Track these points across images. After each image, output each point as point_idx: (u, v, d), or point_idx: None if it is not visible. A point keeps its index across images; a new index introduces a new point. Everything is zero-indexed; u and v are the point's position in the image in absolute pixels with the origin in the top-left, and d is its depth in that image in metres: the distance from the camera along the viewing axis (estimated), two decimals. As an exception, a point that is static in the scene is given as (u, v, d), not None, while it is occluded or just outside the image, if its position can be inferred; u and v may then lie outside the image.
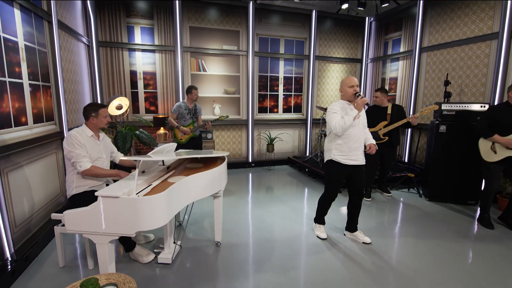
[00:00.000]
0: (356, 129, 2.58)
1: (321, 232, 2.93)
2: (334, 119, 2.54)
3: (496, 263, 2.51)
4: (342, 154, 2.61)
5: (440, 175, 3.90)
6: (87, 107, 2.42)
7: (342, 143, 2.60)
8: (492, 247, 2.78)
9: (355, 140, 2.59)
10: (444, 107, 3.82)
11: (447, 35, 4.72)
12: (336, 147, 2.64)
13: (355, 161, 2.63)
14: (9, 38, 2.51)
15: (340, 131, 2.52)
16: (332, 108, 2.61)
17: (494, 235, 3.02)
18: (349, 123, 2.47)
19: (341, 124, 2.48)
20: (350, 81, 2.59)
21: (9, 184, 2.44)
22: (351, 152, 2.60)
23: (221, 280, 2.23)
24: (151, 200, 1.70)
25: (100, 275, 1.66)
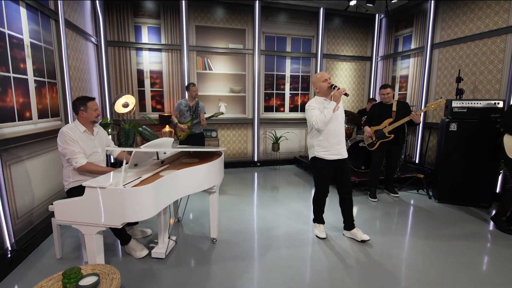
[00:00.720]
0: (335, 123, 2.57)
1: (320, 232, 2.85)
2: (314, 115, 2.52)
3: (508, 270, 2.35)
4: (324, 150, 2.61)
5: (450, 176, 3.72)
6: (75, 101, 2.43)
7: (322, 139, 2.59)
8: (505, 252, 2.61)
9: (335, 135, 2.59)
10: (455, 104, 3.65)
11: (459, 30, 4.52)
12: (318, 143, 2.63)
13: (338, 155, 2.63)
14: (14, 35, 2.59)
15: (322, 126, 2.50)
16: (310, 105, 2.61)
17: (509, 239, 2.84)
18: (329, 116, 2.45)
19: (322, 118, 2.47)
20: (322, 76, 2.59)
21: (12, 177, 2.51)
22: (333, 147, 2.60)
23: (212, 276, 2.19)
24: (137, 192, 1.69)
25: (86, 265, 1.67)
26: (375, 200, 3.90)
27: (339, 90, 2.48)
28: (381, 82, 6.27)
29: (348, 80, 6.30)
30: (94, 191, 1.69)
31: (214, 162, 2.39)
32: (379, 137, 3.85)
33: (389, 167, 4.02)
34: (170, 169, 2.21)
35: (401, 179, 4.46)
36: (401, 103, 3.90)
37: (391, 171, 4.04)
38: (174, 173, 2.04)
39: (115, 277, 1.59)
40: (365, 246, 2.68)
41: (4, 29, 2.45)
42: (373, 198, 3.91)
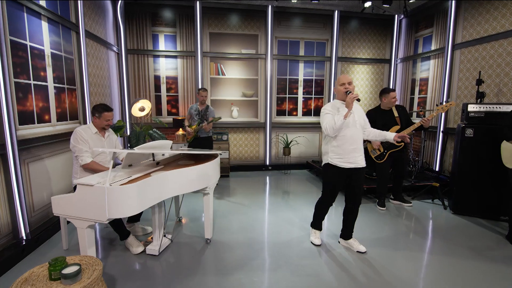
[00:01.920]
0: (352, 130, 2.42)
1: (315, 238, 2.78)
2: (325, 120, 2.41)
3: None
4: (338, 157, 2.45)
5: (467, 185, 3.47)
6: (96, 106, 2.66)
7: (337, 145, 2.44)
8: (516, 269, 2.38)
9: (352, 142, 2.42)
10: (471, 108, 3.41)
11: (482, 29, 4.22)
12: (332, 149, 2.48)
13: (353, 164, 2.45)
14: (36, 46, 2.89)
15: (332, 132, 2.37)
16: (325, 108, 2.50)
17: (523, 257, 2.59)
18: (339, 123, 2.30)
19: (331, 124, 2.34)
20: (341, 79, 2.46)
21: (29, 174, 2.78)
22: (348, 155, 2.43)
23: (200, 275, 2.26)
24: (120, 190, 1.81)
25: (75, 256, 1.82)
26: (383, 209, 3.73)
27: (350, 96, 2.31)
28: (401, 85, 6.01)
29: (365, 84, 6.12)
30: (83, 188, 1.84)
31: (206, 165, 2.47)
32: (388, 147, 3.66)
33: (397, 175, 3.82)
34: (162, 170, 2.33)
35: (416, 187, 4.23)
36: (400, 107, 3.72)
37: (399, 179, 3.84)
38: (162, 174, 2.15)
39: (97, 268, 1.71)
40: (360, 255, 2.59)
41: (26, 41, 2.75)
42: (382, 207, 3.75)
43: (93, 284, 1.62)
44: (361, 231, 3.06)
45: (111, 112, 2.70)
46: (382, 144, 3.65)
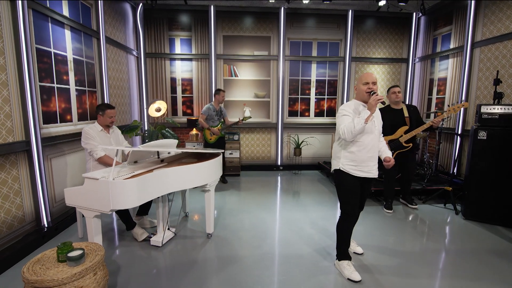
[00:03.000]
0: (371, 136, 2.16)
1: (352, 272, 2.24)
2: (344, 122, 2.11)
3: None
4: (353, 164, 2.17)
5: (479, 190, 3.32)
6: (99, 105, 2.91)
7: (355, 151, 2.15)
8: (521, 278, 2.28)
9: (369, 149, 2.16)
10: (484, 109, 3.26)
11: (503, 26, 4.00)
12: (346, 155, 2.20)
13: (368, 173, 2.19)
14: (59, 53, 3.19)
15: (349, 137, 2.08)
16: (344, 109, 2.19)
17: (533, 266, 2.46)
18: (359, 126, 2.02)
19: (350, 128, 2.04)
20: (365, 77, 2.17)
21: (52, 168, 3.08)
22: (364, 163, 2.16)
23: (197, 266, 2.39)
24: (122, 184, 1.99)
25: (81, 242, 2.02)
26: (390, 212, 3.67)
27: (374, 97, 2.04)
28: (419, 86, 5.81)
29: (381, 84, 5.98)
30: (90, 181, 2.04)
31: (204, 163, 2.61)
32: (396, 147, 3.58)
33: (404, 177, 3.74)
34: (165, 167, 2.49)
35: (427, 191, 4.10)
36: (411, 106, 3.61)
37: (407, 181, 3.76)
38: (163, 170, 2.31)
39: (99, 253, 1.90)
40: (356, 256, 2.60)
41: (50, 48, 3.05)
42: (389, 210, 3.69)
43: (94, 267, 1.81)
44: (364, 233, 3.05)
45: (113, 110, 2.92)
46: (389, 144, 3.58)
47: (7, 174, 2.52)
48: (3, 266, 2.32)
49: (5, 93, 2.49)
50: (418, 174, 4.67)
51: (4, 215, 2.49)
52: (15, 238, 2.58)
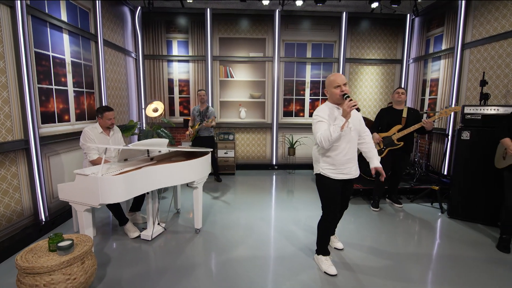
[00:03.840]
0: (346, 138, 2.15)
1: (328, 266, 2.34)
2: (320, 130, 2.09)
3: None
4: (332, 168, 2.21)
5: (463, 189, 3.40)
6: (98, 108, 3.05)
7: (333, 155, 2.18)
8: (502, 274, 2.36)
9: (347, 152, 2.17)
10: (468, 110, 3.34)
11: (491, 28, 4.06)
12: (325, 159, 2.23)
13: (348, 175, 2.24)
14: (57, 56, 3.36)
15: (327, 145, 2.07)
16: (318, 115, 2.15)
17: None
18: (335, 135, 2.00)
19: (327, 136, 2.03)
20: (334, 80, 2.13)
21: (50, 166, 3.24)
22: (343, 165, 2.19)
23: (182, 258, 2.53)
24: (110, 180, 2.13)
25: (73, 234, 2.17)
26: (377, 210, 3.76)
27: (349, 103, 1.98)
28: (413, 86, 5.87)
29: (375, 85, 6.06)
30: (80, 177, 2.18)
31: (192, 161, 2.74)
32: (388, 144, 3.68)
33: (394, 176, 3.83)
34: (153, 165, 2.63)
35: (415, 190, 4.18)
36: (412, 109, 3.69)
37: (395, 180, 3.85)
38: (150, 168, 2.45)
39: (87, 244, 2.04)
40: (336, 252, 2.70)
41: (48, 52, 3.21)
42: (375, 208, 3.78)
43: (82, 256, 1.95)
44: (348, 230, 3.15)
45: (112, 112, 3.06)
46: (383, 140, 3.67)
47: (6, 170, 2.68)
48: (2, 256, 2.49)
49: (5, 94, 2.66)
50: (408, 174, 4.75)
51: (4, 209, 2.66)
52: (14, 231, 2.74)
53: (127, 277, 2.27)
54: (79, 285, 1.90)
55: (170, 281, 2.22)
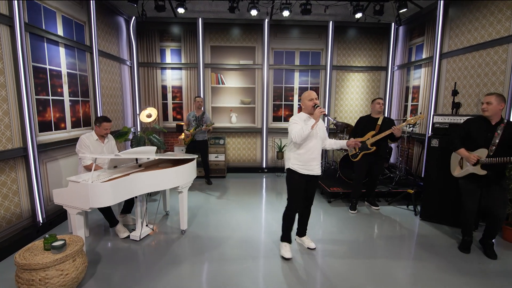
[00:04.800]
0: (314, 141, 2.67)
1: (285, 251, 2.79)
2: (295, 129, 2.62)
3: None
4: (299, 163, 2.69)
5: (433, 193, 3.63)
6: (98, 118, 3.28)
7: (301, 153, 2.68)
8: (453, 271, 2.60)
9: (313, 151, 2.68)
10: (436, 119, 3.57)
11: (465, 40, 4.29)
12: (295, 156, 2.71)
13: (311, 171, 2.70)
14: (54, 68, 3.60)
15: (299, 140, 2.58)
16: (294, 119, 2.73)
17: (468, 260, 2.77)
18: (307, 131, 2.53)
19: (300, 132, 2.55)
20: (309, 95, 2.70)
21: (47, 171, 3.49)
22: (308, 163, 2.68)
23: (167, 258, 2.77)
24: (99, 186, 2.37)
25: (65, 235, 2.41)
26: (354, 212, 3.99)
27: (319, 110, 2.55)
28: (397, 92, 6.10)
29: (361, 91, 6.29)
30: (72, 184, 2.43)
31: (176, 168, 2.98)
32: (362, 148, 3.93)
33: (371, 180, 4.07)
34: (140, 172, 2.87)
35: (393, 193, 4.41)
36: (387, 118, 3.93)
37: (372, 184, 4.08)
38: (137, 174, 2.69)
39: (78, 244, 2.28)
40: (309, 252, 2.94)
41: (45, 65, 3.46)
42: (353, 210, 4.01)
43: (74, 254, 2.19)
44: (323, 230, 3.39)
45: (110, 123, 3.30)
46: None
47: (6, 176, 2.92)
48: (2, 255, 2.73)
49: (5, 107, 2.90)
50: (388, 177, 4.98)
51: (4, 211, 2.90)
52: (13, 232, 2.99)
53: (116, 273, 2.51)
54: (71, 280, 2.14)
55: (155, 277, 2.46)
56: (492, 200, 2.75)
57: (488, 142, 2.66)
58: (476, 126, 2.78)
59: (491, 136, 2.64)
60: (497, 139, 2.60)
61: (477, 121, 2.80)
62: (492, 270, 2.64)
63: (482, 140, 2.70)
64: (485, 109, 2.65)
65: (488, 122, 2.70)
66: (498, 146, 2.59)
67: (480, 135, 2.71)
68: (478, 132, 2.74)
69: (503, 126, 2.60)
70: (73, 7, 3.98)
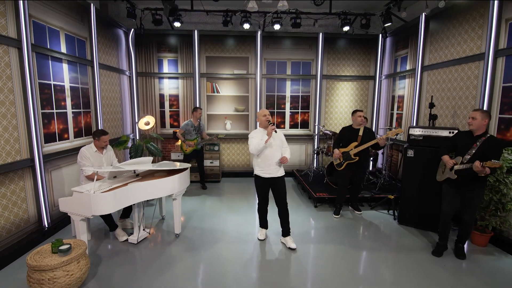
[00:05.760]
0: (270, 150, 3.23)
1: (260, 235, 3.55)
2: (252, 143, 3.23)
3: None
4: (261, 169, 3.28)
5: (410, 199, 3.91)
6: (96, 131, 3.56)
7: (259, 160, 3.28)
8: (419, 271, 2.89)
9: (269, 158, 3.23)
10: (412, 131, 3.86)
11: (443, 54, 4.58)
12: (257, 163, 3.31)
13: (271, 174, 3.26)
14: (58, 84, 3.88)
15: (256, 152, 3.22)
16: (251, 134, 3.32)
17: (437, 262, 3.06)
18: (260, 146, 3.15)
19: (256, 146, 3.17)
20: (263, 112, 3.28)
21: (52, 179, 3.77)
22: (267, 167, 3.24)
23: (162, 259, 3.05)
24: (99, 196, 2.66)
25: (70, 239, 2.70)
26: (337, 217, 4.28)
27: (270, 127, 3.16)
28: (385, 101, 6.39)
29: (350, 99, 6.58)
30: (77, 194, 2.71)
31: (170, 178, 3.26)
32: (346, 158, 4.22)
33: (354, 186, 4.35)
34: (138, 181, 3.16)
35: (376, 198, 4.69)
36: (367, 129, 4.22)
37: (355, 190, 4.37)
38: (135, 184, 2.97)
39: (82, 247, 2.57)
40: (289, 251, 3.23)
41: (50, 81, 3.74)
42: (336, 215, 4.30)
43: (78, 257, 2.48)
44: (305, 233, 3.68)
45: (107, 135, 3.58)
46: (343, 154, 4.20)
47: (15, 185, 3.21)
48: (12, 257, 3.02)
49: (14, 122, 3.18)
50: (373, 183, 5.27)
51: (13, 217, 3.18)
52: (21, 236, 3.27)
53: (115, 273, 2.79)
54: (76, 279, 2.43)
55: (151, 277, 2.74)
56: (464, 206, 3.05)
57: (466, 151, 2.95)
58: (461, 137, 3.11)
59: (470, 146, 2.93)
60: (474, 149, 2.89)
61: (464, 134, 3.11)
62: (459, 271, 2.93)
63: (463, 150, 2.99)
64: (470, 123, 2.95)
65: (472, 134, 3.00)
66: (473, 156, 2.88)
67: (463, 145, 3.03)
68: (461, 143, 3.05)
69: (483, 139, 2.89)
70: (75, 24, 4.26)
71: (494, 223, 3.34)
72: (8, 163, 3.08)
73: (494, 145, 2.84)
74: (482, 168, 2.68)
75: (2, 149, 3.03)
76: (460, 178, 3.00)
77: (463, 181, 2.99)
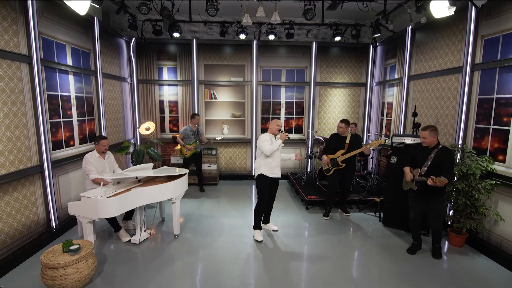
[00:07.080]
0: (277, 153, 3.71)
1: (258, 236, 3.78)
2: (266, 145, 3.62)
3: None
4: (268, 169, 3.68)
5: (393, 202, 4.18)
6: (96, 136, 3.84)
7: (270, 161, 3.68)
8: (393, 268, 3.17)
9: (277, 160, 3.73)
10: (394, 139, 4.13)
11: (427, 65, 4.86)
12: (265, 164, 3.69)
13: (275, 175, 3.74)
14: (64, 94, 4.15)
15: (270, 153, 3.62)
16: (265, 138, 3.70)
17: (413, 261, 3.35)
18: (276, 147, 3.63)
19: (271, 148, 3.60)
20: (276, 122, 3.79)
21: (59, 183, 4.04)
22: (273, 169, 3.71)
23: (161, 258, 3.33)
24: (105, 201, 2.93)
25: (79, 240, 2.97)
26: (326, 218, 4.56)
27: (283, 135, 3.70)
28: (376, 107, 6.66)
29: (342, 105, 6.86)
30: (84, 199, 2.99)
31: (169, 183, 3.54)
32: (334, 165, 4.49)
33: (343, 190, 4.63)
34: (140, 186, 3.43)
35: (364, 201, 4.97)
36: (354, 136, 4.50)
37: (344, 193, 4.65)
38: (138, 189, 3.25)
39: (89, 247, 2.85)
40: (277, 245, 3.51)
41: (57, 92, 4.01)
42: (326, 217, 4.58)
43: (86, 256, 2.75)
44: (293, 232, 3.96)
45: (107, 140, 3.85)
46: (331, 160, 4.49)
47: (26, 190, 3.48)
48: (25, 256, 3.29)
49: (26, 132, 3.46)
50: (362, 186, 5.55)
51: (25, 220, 3.46)
52: (32, 236, 3.54)
53: (119, 271, 3.07)
54: (84, 276, 2.70)
55: (152, 274, 3.02)
56: (428, 212, 3.34)
57: (423, 163, 3.23)
58: (418, 150, 3.37)
59: (426, 159, 3.21)
60: (429, 161, 3.17)
61: (420, 147, 3.37)
62: (432, 269, 3.21)
63: (421, 162, 3.27)
64: (423, 142, 3.25)
65: (427, 147, 3.27)
66: (429, 167, 3.16)
67: (420, 158, 3.30)
68: (418, 156, 3.32)
69: (436, 151, 3.17)
70: (80, 37, 4.53)
71: (469, 225, 3.61)
72: (21, 169, 3.35)
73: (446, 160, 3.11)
74: (434, 183, 2.96)
75: (15, 157, 3.31)
76: (420, 188, 3.29)
77: (423, 191, 3.27)
